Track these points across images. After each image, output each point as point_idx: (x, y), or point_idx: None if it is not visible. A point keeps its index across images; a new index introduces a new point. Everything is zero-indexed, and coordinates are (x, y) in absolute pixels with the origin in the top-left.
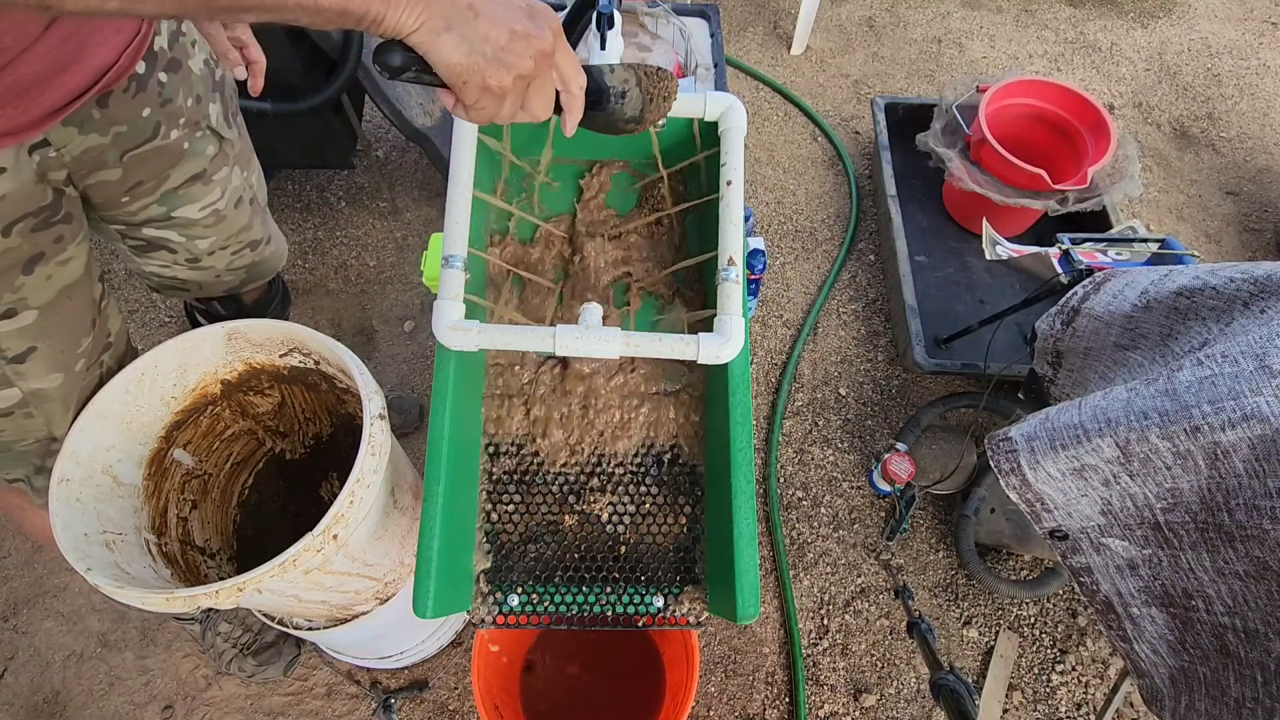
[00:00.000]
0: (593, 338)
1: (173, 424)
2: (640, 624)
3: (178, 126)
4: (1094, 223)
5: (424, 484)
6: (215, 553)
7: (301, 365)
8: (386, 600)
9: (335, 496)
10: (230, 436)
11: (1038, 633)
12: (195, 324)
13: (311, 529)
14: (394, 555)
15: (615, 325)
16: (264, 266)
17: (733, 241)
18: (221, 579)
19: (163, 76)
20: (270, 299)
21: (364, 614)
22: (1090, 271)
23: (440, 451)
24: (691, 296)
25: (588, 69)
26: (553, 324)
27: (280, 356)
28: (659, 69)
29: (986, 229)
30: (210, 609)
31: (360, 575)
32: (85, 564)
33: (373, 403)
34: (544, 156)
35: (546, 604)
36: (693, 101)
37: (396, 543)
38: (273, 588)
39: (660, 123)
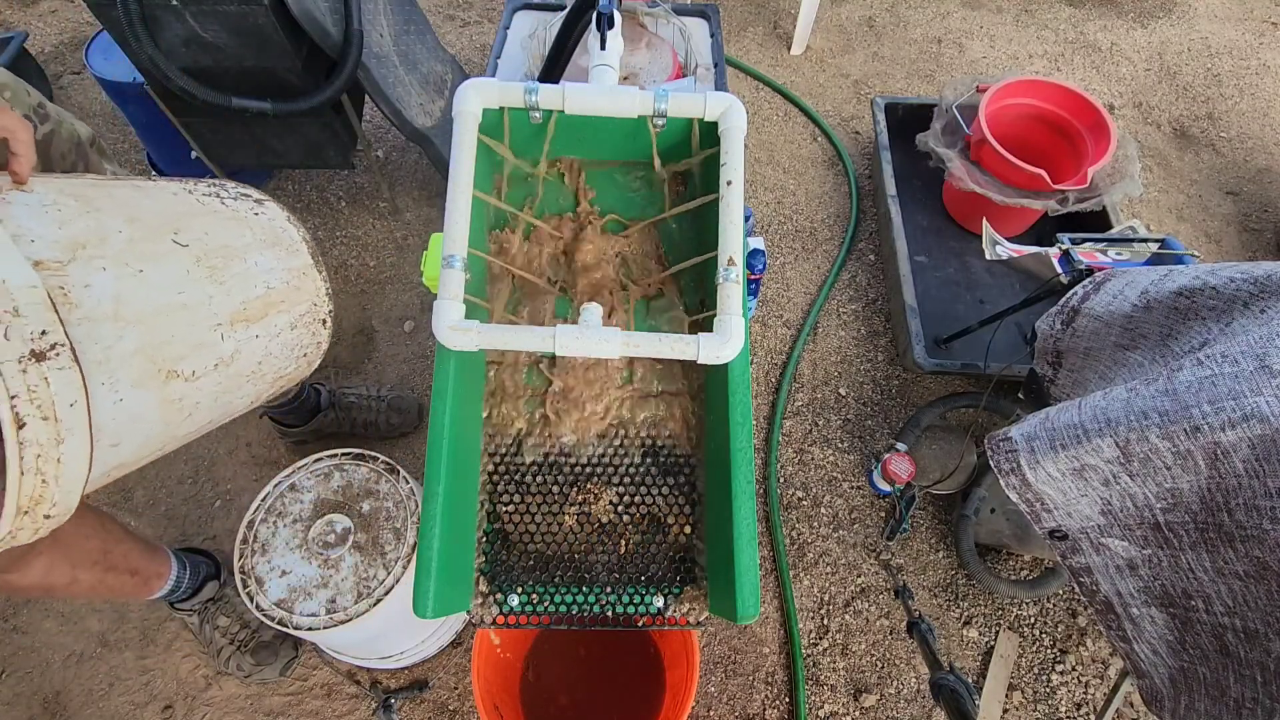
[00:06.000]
0: (592, 338)
1: None
2: (640, 624)
3: None
4: (1094, 223)
5: (424, 484)
6: None
7: None
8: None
9: None
10: None
11: (1038, 633)
12: None
13: None
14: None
15: (615, 325)
16: None
17: (733, 241)
18: None
19: None
20: None
21: (362, 614)
22: (1090, 271)
23: (440, 451)
24: (691, 296)
25: None
26: (552, 324)
27: None
28: None
29: (986, 229)
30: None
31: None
32: None
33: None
34: (542, 157)
35: (546, 604)
36: (693, 101)
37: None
38: None
39: None
